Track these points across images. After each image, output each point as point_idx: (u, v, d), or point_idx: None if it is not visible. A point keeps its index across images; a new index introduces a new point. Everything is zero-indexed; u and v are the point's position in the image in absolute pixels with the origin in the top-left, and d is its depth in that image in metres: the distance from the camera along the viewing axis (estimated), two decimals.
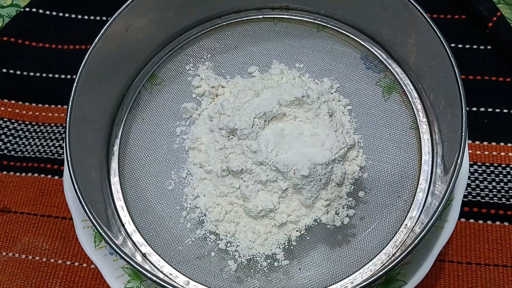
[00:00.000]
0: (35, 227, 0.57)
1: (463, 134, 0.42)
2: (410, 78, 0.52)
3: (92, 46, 0.47)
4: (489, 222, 0.53)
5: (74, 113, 0.45)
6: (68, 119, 0.44)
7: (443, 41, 0.45)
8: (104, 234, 0.41)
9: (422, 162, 0.48)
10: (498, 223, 0.53)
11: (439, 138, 0.48)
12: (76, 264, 0.55)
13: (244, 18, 0.56)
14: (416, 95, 0.51)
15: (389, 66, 0.53)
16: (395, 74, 0.52)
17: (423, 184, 0.48)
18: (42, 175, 0.59)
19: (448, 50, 0.44)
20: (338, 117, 0.50)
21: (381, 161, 0.49)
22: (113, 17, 0.48)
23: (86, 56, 0.46)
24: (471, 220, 0.53)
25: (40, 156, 0.60)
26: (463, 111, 0.42)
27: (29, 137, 0.61)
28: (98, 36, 0.47)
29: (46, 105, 0.63)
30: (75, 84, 0.45)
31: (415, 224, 0.46)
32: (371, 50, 0.53)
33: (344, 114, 0.51)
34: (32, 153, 0.60)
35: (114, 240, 0.41)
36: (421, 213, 0.46)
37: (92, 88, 0.48)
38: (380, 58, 0.53)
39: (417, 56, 0.49)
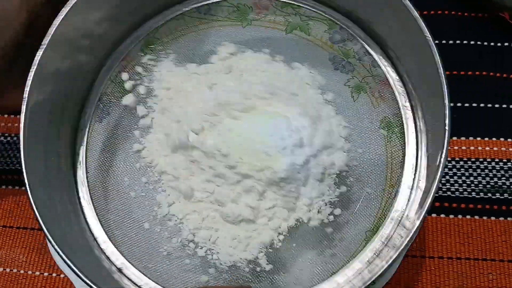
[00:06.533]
0: (11, 240, 0.56)
1: (447, 122, 0.41)
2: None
3: None
4: (459, 216, 0.54)
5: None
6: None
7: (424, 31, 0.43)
8: (70, 262, 0.40)
9: (406, 155, 0.47)
10: (468, 217, 0.54)
11: (424, 127, 0.47)
12: (54, 275, 0.55)
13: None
14: (402, 90, 0.50)
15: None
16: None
17: (407, 177, 0.47)
18: (17, 187, 0.59)
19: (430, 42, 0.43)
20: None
21: (361, 157, 0.48)
22: None
23: None
24: (442, 215, 0.54)
25: (14, 168, 0.60)
26: (447, 107, 0.41)
27: (1, 148, 0.61)
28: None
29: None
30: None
31: (400, 218, 0.46)
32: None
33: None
34: (6, 165, 0.60)
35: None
36: (406, 207, 0.46)
37: None
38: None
39: (396, 37, 0.48)
